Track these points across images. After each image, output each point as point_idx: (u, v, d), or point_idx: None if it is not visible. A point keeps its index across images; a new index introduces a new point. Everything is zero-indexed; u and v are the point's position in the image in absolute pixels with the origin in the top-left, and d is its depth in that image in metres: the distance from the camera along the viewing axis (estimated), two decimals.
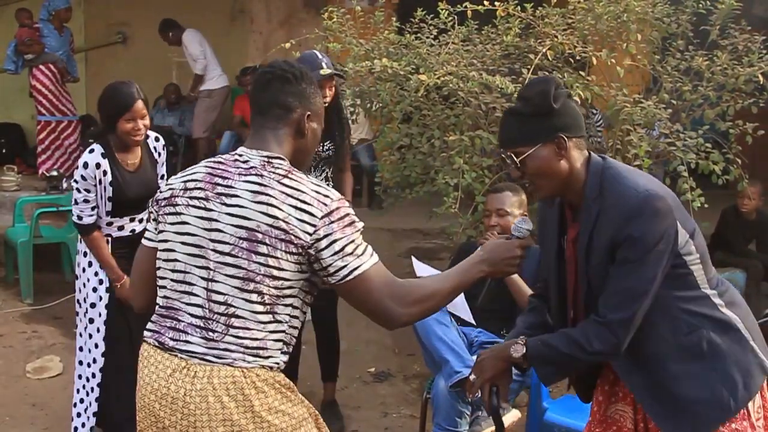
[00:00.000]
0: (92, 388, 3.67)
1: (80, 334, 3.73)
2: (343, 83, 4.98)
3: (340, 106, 4.15)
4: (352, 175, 4.32)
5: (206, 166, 2.06)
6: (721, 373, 2.13)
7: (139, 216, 3.68)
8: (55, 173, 7.18)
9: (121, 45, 9.15)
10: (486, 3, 4.63)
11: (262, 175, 1.97)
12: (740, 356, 2.15)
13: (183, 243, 2.00)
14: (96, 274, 3.65)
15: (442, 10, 4.83)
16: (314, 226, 1.91)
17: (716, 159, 4.29)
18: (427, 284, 2.05)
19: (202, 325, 1.96)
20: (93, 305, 3.66)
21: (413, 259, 3.68)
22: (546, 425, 3.39)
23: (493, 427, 3.11)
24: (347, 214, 1.95)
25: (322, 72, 3.84)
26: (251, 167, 1.99)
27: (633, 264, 2.05)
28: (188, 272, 1.99)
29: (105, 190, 3.56)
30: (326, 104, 3.72)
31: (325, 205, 1.93)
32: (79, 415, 3.73)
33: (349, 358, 4.81)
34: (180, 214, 2.02)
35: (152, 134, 3.78)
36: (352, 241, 1.94)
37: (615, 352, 2.12)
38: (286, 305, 1.96)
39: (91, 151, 3.58)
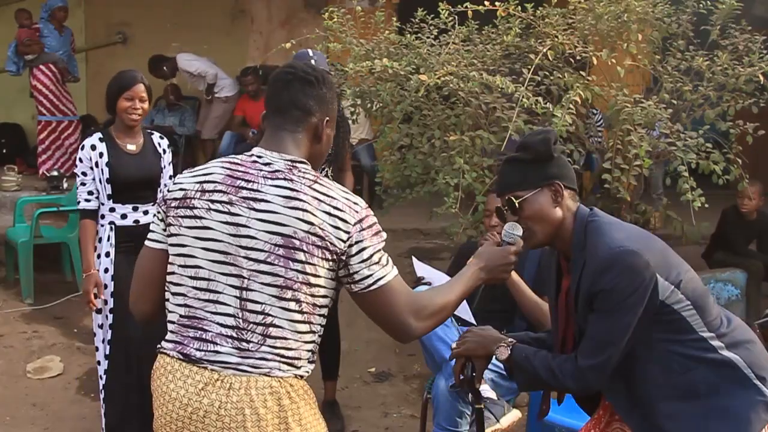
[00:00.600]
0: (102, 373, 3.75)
1: (98, 326, 3.79)
2: (343, 83, 4.98)
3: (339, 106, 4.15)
4: (352, 175, 4.32)
5: (223, 167, 1.97)
6: (720, 412, 2.13)
7: (144, 207, 3.72)
8: (55, 173, 7.20)
9: (121, 45, 9.14)
10: (486, 3, 4.63)
11: (291, 180, 1.91)
12: (742, 395, 2.14)
13: (205, 249, 1.91)
14: (101, 262, 3.72)
15: (442, 10, 4.83)
16: (348, 233, 1.89)
17: (717, 159, 4.28)
18: (438, 296, 2.05)
19: (234, 335, 1.88)
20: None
21: (413, 259, 3.68)
22: (546, 425, 3.38)
23: (495, 427, 3.12)
24: (375, 223, 1.95)
25: None
26: (276, 170, 1.93)
27: (604, 314, 2.12)
28: (213, 279, 1.90)
29: (102, 173, 3.66)
30: None
31: (356, 212, 1.92)
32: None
33: (349, 358, 4.81)
34: (200, 218, 1.92)
35: (157, 134, 3.91)
36: (379, 251, 1.94)
37: (586, 392, 2.26)
38: (320, 315, 1.94)
39: (91, 135, 3.76)
